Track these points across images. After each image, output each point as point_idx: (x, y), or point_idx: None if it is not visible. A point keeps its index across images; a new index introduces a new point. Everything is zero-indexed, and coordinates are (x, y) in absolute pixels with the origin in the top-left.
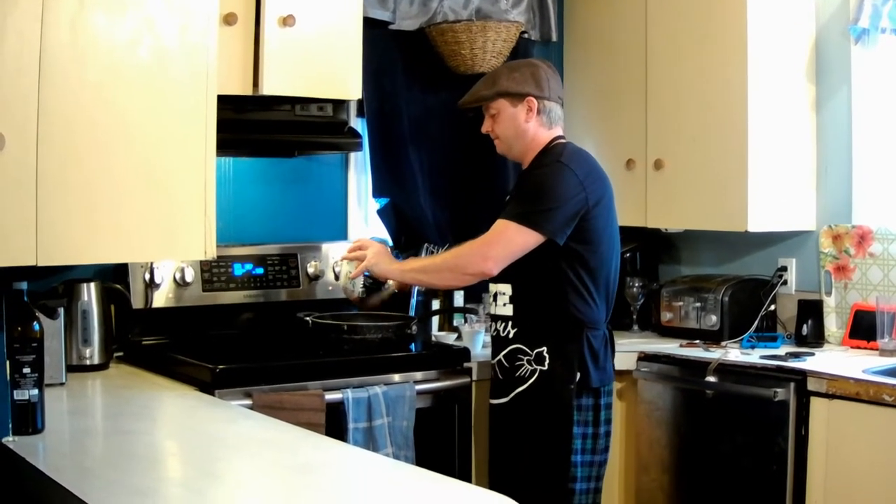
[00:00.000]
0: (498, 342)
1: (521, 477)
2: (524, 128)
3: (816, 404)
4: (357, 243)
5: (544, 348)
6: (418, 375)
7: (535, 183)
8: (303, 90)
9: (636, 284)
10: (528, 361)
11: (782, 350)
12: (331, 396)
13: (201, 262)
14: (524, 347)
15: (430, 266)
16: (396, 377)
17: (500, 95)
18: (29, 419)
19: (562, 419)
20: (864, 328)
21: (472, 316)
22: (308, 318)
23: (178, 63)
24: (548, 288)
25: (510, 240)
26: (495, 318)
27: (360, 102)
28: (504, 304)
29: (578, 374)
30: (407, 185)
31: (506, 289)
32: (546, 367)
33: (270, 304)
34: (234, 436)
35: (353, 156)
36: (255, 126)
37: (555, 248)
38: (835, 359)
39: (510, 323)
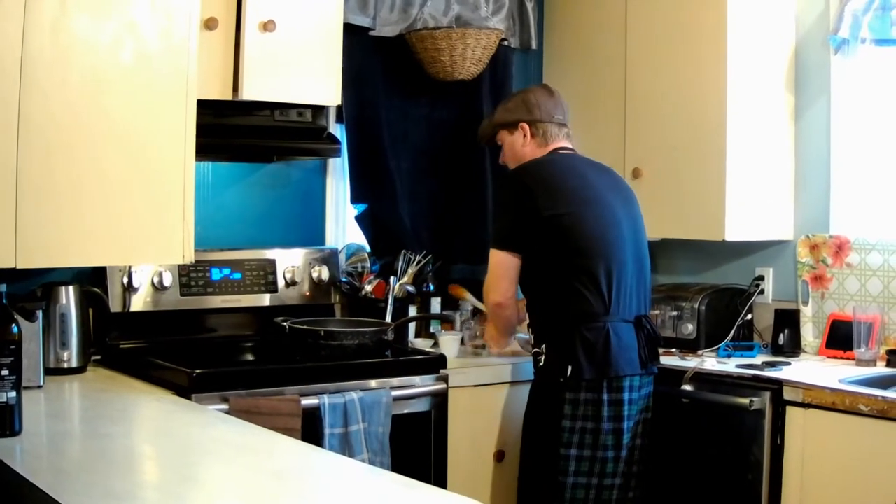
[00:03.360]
0: None
1: (520, 467)
2: (523, 152)
3: (792, 414)
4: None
5: (543, 345)
6: (395, 381)
7: (495, 203)
8: (282, 95)
9: None
10: (538, 360)
11: (758, 359)
12: (307, 402)
13: (179, 266)
14: (536, 348)
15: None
16: (373, 383)
17: (498, 127)
18: (6, 421)
19: (551, 413)
20: (840, 338)
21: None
22: (285, 324)
23: (158, 67)
24: (540, 287)
25: (494, 265)
26: None
27: (339, 108)
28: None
29: (570, 368)
30: (385, 192)
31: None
32: (542, 363)
33: (248, 309)
34: (211, 440)
35: (331, 161)
36: (234, 131)
37: (531, 253)
38: (811, 368)
39: (530, 328)
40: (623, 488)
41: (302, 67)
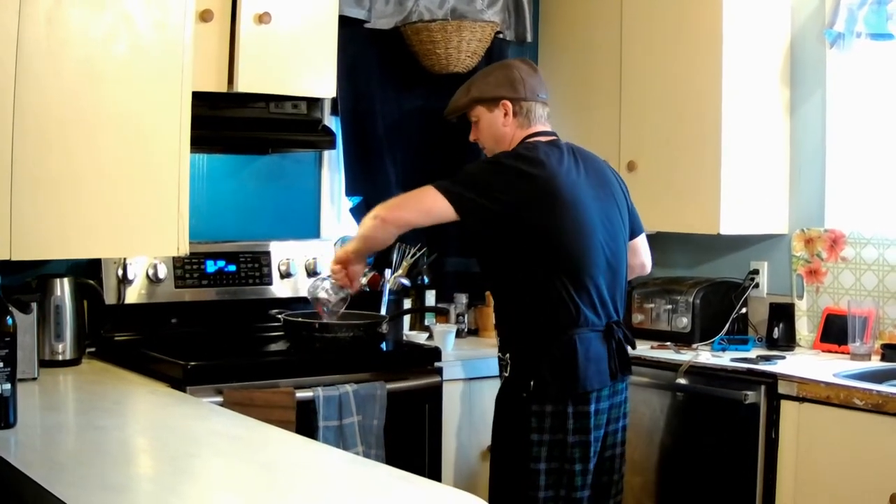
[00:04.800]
0: None
1: (491, 481)
2: (503, 132)
3: (787, 407)
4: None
5: (508, 355)
6: (389, 374)
7: (472, 167)
8: (277, 87)
9: None
10: (503, 368)
11: (753, 353)
12: (302, 394)
13: (174, 258)
14: (500, 354)
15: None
16: (367, 376)
17: (476, 102)
18: (1, 413)
19: (519, 426)
20: (835, 332)
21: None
22: (280, 316)
23: (153, 59)
24: (509, 296)
25: (423, 199)
26: None
27: (334, 101)
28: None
29: (533, 383)
30: (380, 184)
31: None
32: (507, 374)
33: (242, 302)
34: (206, 433)
35: (326, 154)
36: (229, 123)
37: (500, 253)
38: (806, 362)
39: (497, 332)
40: (598, 499)
41: (297, 60)
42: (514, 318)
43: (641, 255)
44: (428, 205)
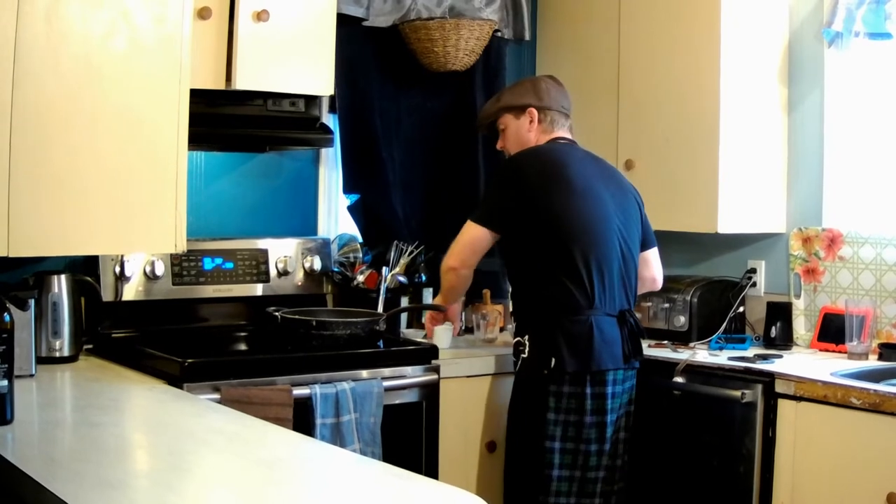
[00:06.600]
0: None
1: (506, 459)
2: (527, 137)
3: (784, 406)
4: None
5: (526, 337)
6: (386, 372)
7: (487, 183)
8: (275, 85)
9: None
10: (520, 351)
11: (750, 352)
12: (299, 392)
13: (171, 255)
14: (518, 338)
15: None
16: (364, 373)
17: (504, 111)
18: None
19: (535, 405)
20: (832, 331)
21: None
22: (277, 313)
23: (152, 56)
24: (525, 277)
25: (467, 236)
26: None
27: (332, 98)
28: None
29: (554, 361)
30: (378, 182)
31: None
32: (526, 355)
33: (240, 299)
34: (203, 429)
35: (324, 152)
36: (227, 120)
37: (519, 240)
38: (803, 361)
39: (514, 317)
40: (607, 481)
41: (295, 57)
42: (534, 300)
43: (653, 269)
44: (471, 238)
